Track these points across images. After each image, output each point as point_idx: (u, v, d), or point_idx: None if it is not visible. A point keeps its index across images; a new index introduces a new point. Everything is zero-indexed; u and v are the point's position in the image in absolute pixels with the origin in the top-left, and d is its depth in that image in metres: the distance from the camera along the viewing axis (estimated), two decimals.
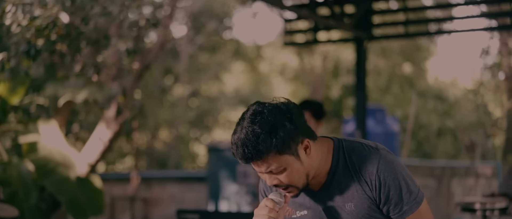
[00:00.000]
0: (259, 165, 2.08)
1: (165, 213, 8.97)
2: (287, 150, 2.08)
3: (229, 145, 2.17)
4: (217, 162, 7.88)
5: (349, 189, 2.20)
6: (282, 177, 2.10)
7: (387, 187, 2.15)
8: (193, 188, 9.02)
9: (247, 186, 7.59)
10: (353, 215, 2.20)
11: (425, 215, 2.22)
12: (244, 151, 2.04)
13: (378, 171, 2.15)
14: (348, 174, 2.19)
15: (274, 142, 2.04)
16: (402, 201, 2.16)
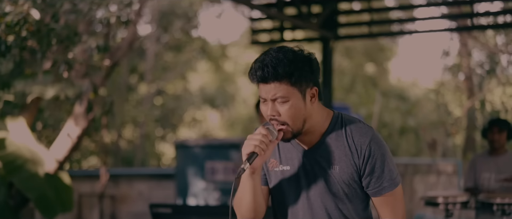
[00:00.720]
0: (270, 89, 2.23)
1: (133, 210, 9.00)
2: (298, 85, 2.25)
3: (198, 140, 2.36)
4: (185, 159, 7.92)
5: (338, 153, 2.34)
6: (283, 108, 2.25)
7: (374, 159, 2.31)
8: (161, 185, 9.06)
9: (215, 183, 7.65)
10: (335, 177, 2.34)
11: (399, 199, 2.36)
12: (263, 70, 2.22)
13: (370, 143, 2.31)
14: (341, 140, 2.34)
15: (291, 71, 2.22)
16: (384, 177, 2.32)
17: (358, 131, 2.32)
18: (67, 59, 5.44)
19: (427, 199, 5.33)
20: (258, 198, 2.38)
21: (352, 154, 2.32)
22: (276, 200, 2.47)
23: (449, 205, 5.17)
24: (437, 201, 5.21)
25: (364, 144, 2.31)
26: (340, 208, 2.36)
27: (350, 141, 2.32)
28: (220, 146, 7.72)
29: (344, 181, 2.34)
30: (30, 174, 6.86)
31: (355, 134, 2.32)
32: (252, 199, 2.36)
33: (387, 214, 2.35)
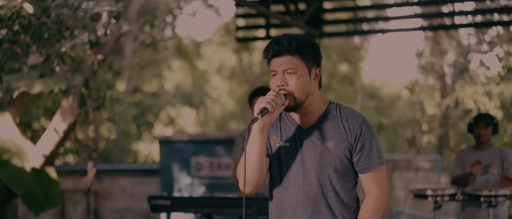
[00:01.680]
0: (282, 62, 2.63)
1: (116, 207, 9.00)
2: (306, 61, 2.66)
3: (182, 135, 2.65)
4: (169, 154, 7.95)
5: (333, 131, 2.69)
6: (291, 79, 2.62)
7: (364, 138, 2.67)
8: (143, 181, 9.08)
9: (200, 178, 7.71)
10: (330, 151, 2.67)
11: (384, 176, 2.72)
12: (279, 44, 2.64)
13: (361, 124, 2.68)
14: (336, 121, 2.70)
15: (303, 48, 2.65)
16: (372, 155, 2.67)
17: (351, 114, 2.71)
18: (60, 53, 5.44)
19: (416, 191, 5.47)
20: (263, 159, 2.70)
21: (346, 132, 2.67)
22: (275, 173, 2.79)
23: (437, 197, 5.31)
24: (426, 193, 5.35)
25: (356, 124, 2.67)
26: (331, 180, 2.69)
27: (344, 122, 2.68)
28: (205, 141, 7.78)
29: (338, 155, 2.67)
30: (16, 169, 6.82)
31: (348, 116, 2.70)
32: (259, 156, 2.66)
33: (375, 188, 2.69)
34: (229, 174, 7.61)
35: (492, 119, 5.71)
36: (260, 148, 2.65)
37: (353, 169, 2.71)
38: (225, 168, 7.69)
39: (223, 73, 21.85)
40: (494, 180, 5.57)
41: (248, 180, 2.68)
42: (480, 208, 5.55)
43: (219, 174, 7.64)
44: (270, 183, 2.83)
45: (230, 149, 7.65)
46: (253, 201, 4.58)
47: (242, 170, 2.68)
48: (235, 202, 4.70)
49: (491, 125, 5.67)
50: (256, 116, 2.56)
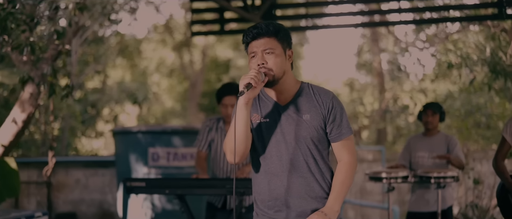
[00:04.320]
0: (261, 44, 2.98)
1: (70, 198, 9.06)
2: (282, 43, 3.03)
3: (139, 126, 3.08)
4: (126, 145, 8.03)
5: (308, 105, 3.04)
6: (270, 58, 2.98)
7: (335, 111, 3.04)
8: (97, 172, 9.15)
9: (157, 168, 7.82)
10: (307, 123, 3.03)
11: (353, 143, 3.11)
12: (256, 29, 3.00)
13: (332, 99, 3.06)
14: (310, 96, 3.06)
15: (279, 30, 3.02)
16: (343, 125, 3.06)
17: (323, 91, 3.10)
18: (29, 42, 5.55)
19: (372, 174, 5.85)
20: (248, 131, 3.02)
21: (319, 106, 3.04)
22: (258, 146, 3.11)
23: (391, 179, 5.70)
24: (381, 176, 5.73)
25: (328, 99, 3.06)
26: (310, 148, 3.03)
27: (317, 97, 3.06)
28: (162, 132, 7.92)
29: (314, 126, 3.03)
30: None
31: (320, 92, 3.08)
32: (245, 128, 3.00)
33: (346, 154, 3.07)
34: (186, 164, 7.81)
35: (439, 107, 6.15)
36: (245, 120, 2.98)
37: (326, 138, 3.08)
38: (181, 158, 7.87)
39: (163, 70, 21.92)
40: (440, 163, 6.00)
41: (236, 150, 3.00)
42: (429, 189, 5.98)
43: (176, 164, 7.81)
44: (254, 157, 3.16)
45: (187, 139, 7.84)
46: (225, 182, 4.84)
47: (230, 142, 3.01)
48: (207, 183, 4.94)
49: (438, 113, 6.11)
50: (243, 90, 2.88)
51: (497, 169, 4.74)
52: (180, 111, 21.85)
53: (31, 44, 5.53)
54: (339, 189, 3.01)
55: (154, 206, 7.76)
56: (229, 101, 5.22)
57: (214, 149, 5.34)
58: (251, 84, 2.89)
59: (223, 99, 5.26)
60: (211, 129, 5.35)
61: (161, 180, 5.26)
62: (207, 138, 5.36)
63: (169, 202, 7.76)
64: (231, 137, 3.01)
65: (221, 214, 5.40)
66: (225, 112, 5.25)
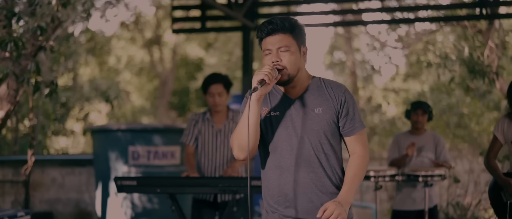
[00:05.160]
0: (276, 40, 2.91)
1: (46, 197, 8.90)
2: (298, 40, 2.95)
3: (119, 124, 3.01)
4: (105, 144, 7.94)
5: (320, 99, 2.98)
6: (285, 56, 2.91)
7: (348, 104, 2.98)
8: (74, 171, 9.01)
9: (137, 167, 7.74)
10: (319, 116, 2.97)
11: (366, 138, 3.06)
12: (272, 25, 2.91)
13: (344, 92, 3.00)
14: (322, 90, 3.00)
15: (295, 27, 2.95)
16: (355, 119, 2.99)
17: (335, 84, 3.04)
18: (13, 38, 5.42)
19: None
20: (257, 127, 2.95)
21: (331, 100, 2.97)
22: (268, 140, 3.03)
23: (379, 178, 5.71)
24: (369, 174, 5.73)
25: (340, 92, 2.99)
26: (321, 143, 2.96)
27: (329, 91, 2.99)
28: (142, 130, 7.84)
29: (326, 120, 2.96)
30: None
31: (332, 86, 3.02)
32: (255, 124, 2.92)
33: (359, 147, 3.00)
34: (167, 162, 7.74)
35: (428, 106, 6.19)
36: (256, 116, 2.90)
37: (339, 132, 3.01)
38: (162, 157, 7.80)
39: (132, 68, 21.73)
40: (428, 162, 6.04)
41: (244, 146, 2.92)
42: (415, 188, 6.01)
43: (157, 163, 7.74)
44: (262, 152, 3.08)
45: (168, 138, 7.77)
46: (217, 180, 4.80)
47: (238, 138, 2.94)
48: (199, 181, 4.90)
49: (427, 112, 6.14)
50: (256, 86, 2.82)
51: (490, 167, 4.78)
52: (150, 109, 21.68)
53: (15, 40, 5.40)
54: (351, 181, 2.94)
55: (134, 205, 7.68)
56: (215, 90, 5.24)
57: (201, 140, 5.33)
58: (265, 80, 2.81)
59: (210, 88, 5.27)
60: (197, 122, 5.35)
61: (153, 179, 5.19)
62: (193, 132, 5.35)
63: (150, 201, 7.68)
64: (239, 132, 2.94)
65: (208, 210, 5.36)
66: (212, 101, 5.26)
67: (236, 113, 5.35)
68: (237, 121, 5.25)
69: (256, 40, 3.12)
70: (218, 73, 5.46)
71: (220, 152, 5.30)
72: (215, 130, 5.31)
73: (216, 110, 5.30)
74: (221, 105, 5.26)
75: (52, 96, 5.80)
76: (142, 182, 4.85)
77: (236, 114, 5.34)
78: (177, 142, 7.72)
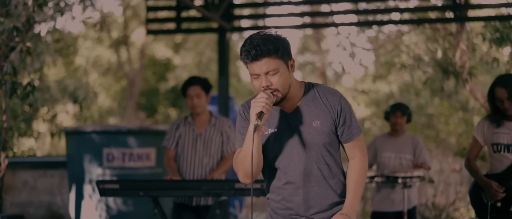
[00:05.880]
0: (262, 65, 2.79)
1: (17, 200, 8.75)
2: (284, 58, 2.84)
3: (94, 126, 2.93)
4: (78, 145, 7.84)
5: (316, 110, 2.93)
6: (274, 79, 2.82)
7: (345, 113, 2.94)
8: (47, 174, 8.87)
9: (112, 169, 7.67)
10: (317, 130, 2.93)
11: (363, 142, 3.04)
12: (256, 50, 2.78)
13: (340, 101, 2.95)
14: (317, 100, 2.95)
15: (278, 47, 2.81)
16: (353, 126, 2.97)
17: (329, 92, 2.98)
18: None
19: None
20: (260, 153, 2.90)
21: (328, 110, 2.92)
22: (269, 159, 3.00)
23: None
24: None
25: (336, 102, 2.95)
26: (323, 155, 2.95)
27: (325, 100, 2.95)
28: (117, 132, 7.77)
29: (325, 132, 2.93)
30: None
31: (327, 94, 2.97)
32: (257, 153, 2.86)
33: (358, 153, 3.01)
34: (142, 164, 7.68)
35: (407, 108, 6.24)
36: (258, 145, 2.86)
37: (338, 140, 3.00)
38: (137, 159, 7.73)
39: (99, 69, 21.52)
40: (406, 164, 6.09)
41: (249, 173, 2.88)
42: (394, 189, 6.06)
43: (132, 165, 7.67)
44: (265, 167, 3.05)
45: (143, 140, 7.72)
46: (201, 183, 4.78)
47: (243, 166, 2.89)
48: (183, 184, 4.87)
49: (406, 114, 6.20)
50: (257, 122, 2.76)
51: (470, 168, 4.84)
52: (118, 110, 21.48)
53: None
54: (355, 188, 2.95)
55: (109, 208, 7.60)
56: (193, 92, 5.26)
57: (181, 143, 5.34)
58: (263, 112, 2.77)
59: (188, 91, 5.30)
60: (178, 126, 5.38)
61: (136, 182, 5.15)
62: (175, 135, 5.37)
63: (125, 203, 7.62)
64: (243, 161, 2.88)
65: (189, 215, 5.35)
66: (191, 103, 5.29)
67: (219, 119, 5.37)
68: (221, 129, 5.30)
69: (232, 42, 3.07)
70: (196, 76, 5.51)
71: (199, 156, 5.29)
72: (196, 134, 5.31)
73: (196, 112, 5.32)
74: (200, 107, 5.27)
75: (29, 98, 5.69)
76: (125, 185, 4.80)
77: (218, 120, 5.36)
78: (152, 143, 7.67)
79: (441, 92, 11.65)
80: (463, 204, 9.14)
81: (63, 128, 9.32)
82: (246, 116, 2.99)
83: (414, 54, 9.20)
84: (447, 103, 12.63)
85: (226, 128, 5.34)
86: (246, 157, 2.85)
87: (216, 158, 5.30)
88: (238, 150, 2.97)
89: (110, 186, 4.74)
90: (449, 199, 9.13)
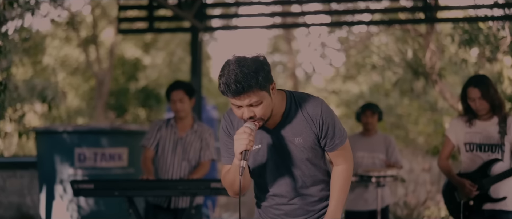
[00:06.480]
0: (244, 98, 2.70)
1: None
2: (265, 87, 2.75)
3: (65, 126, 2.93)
4: (49, 145, 7.75)
5: (299, 126, 2.91)
6: (257, 109, 2.75)
7: (327, 125, 2.90)
8: (16, 174, 8.76)
9: (84, 169, 7.60)
10: (300, 146, 2.92)
11: (348, 150, 3.03)
12: (236, 86, 2.66)
13: (321, 112, 2.90)
14: (299, 115, 2.90)
15: (258, 80, 2.70)
16: (336, 136, 2.94)
17: (310, 104, 2.92)
18: None
19: None
20: (247, 177, 2.94)
21: (309, 125, 2.89)
22: (255, 175, 3.04)
23: None
24: None
25: (317, 115, 2.89)
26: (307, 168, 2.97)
27: (306, 115, 2.90)
28: (89, 132, 7.70)
29: (307, 148, 2.93)
30: None
31: (308, 108, 2.91)
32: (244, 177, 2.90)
33: (341, 161, 3.01)
34: (114, 164, 7.62)
35: (377, 107, 6.30)
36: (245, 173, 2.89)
37: (322, 149, 3.01)
38: (109, 159, 7.68)
39: (67, 68, 21.29)
40: (379, 163, 6.15)
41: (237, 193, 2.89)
42: (367, 188, 6.12)
43: (104, 165, 7.61)
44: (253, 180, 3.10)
45: (115, 140, 7.66)
46: (176, 183, 4.77)
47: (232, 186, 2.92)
48: (159, 184, 4.85)
49: (377, 113, 6.25)
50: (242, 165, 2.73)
51: (443, 168, 4.90)
52: (87, 110, 21.28)
53: None
54: (338, 196, 2.99)
55: (80, 208, 7.53)
56: (176, 96, 5.29)
57: (161, 145, 5.34)
58: (247, 150, 2.74)
59: (171, 95, 5.33)
60: (161, 127, 5.39)
61: (111, 182, 5.10)
62: (156, 136, 5.37)
63: (96, 203, 7.55)
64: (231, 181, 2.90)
65: (164, 215, 5.35)
66: (175, 107, 5.31)
67: (200, 126, 5.40)
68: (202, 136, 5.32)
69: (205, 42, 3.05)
70: (179, 81, 5.53)
71: (178, 159, 5.30)
72: (177, 137, 5.33)
73: (180, 116, 5.34)
74: (183, 111, 5.31)
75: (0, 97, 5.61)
76: (100, 185, 4.76)
77: (200, 127, 5.39)
78: (124, 143, 7.62)
79: (411, 93, 11.77)
80: (433, 203, 9.25)
81: (32, 127, 9.18)
82: (230, 131, 2.99)
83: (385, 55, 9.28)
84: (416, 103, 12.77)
85: (206, 135, 5.38)
86: (234, 183, 2.89)
87: (194, 162, 5.33)
88: (226, 167, 2.99)
89: (85, 186, 4.70)
90: (420, 198, 9.24)
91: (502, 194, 4.65)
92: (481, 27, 8.91)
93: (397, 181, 6.22)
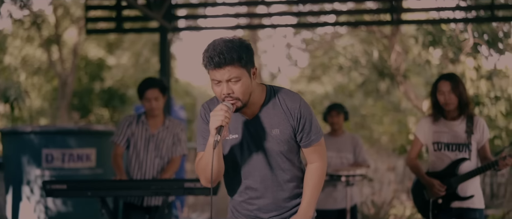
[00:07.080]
0: (224, 73, 2.77)
1: None
2: (246, 66, 2.81)
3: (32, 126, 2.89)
4: (16, 146, 7.67)
5: (276, 118, 2.96)
6: (236, 87, 2.79)
7: (304, 119, 2.95)
8: None
9: (52, 170, 7.55)
10: (277, 138, 2.97)
11: (323, 147, 3.09)
12: (219, 57, 2.75)
13: (300, 106, 2.96)
14: (277, 108, 2.96)
15: (242, 56, 2.78)
16: (312, 132, 3.00)
17: (289, 97, 2.98)
18: None
19: None
20: (221, 161, 2.93)
21: (287, 118, 2.94)
22: (229, 165, 3.03)
23: None
24: None
25: (295, 109, 2.95)
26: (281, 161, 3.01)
27: (285, 108, 2.94)
28: (57, 132, 7.65)
29: (283, 140, 2.97)
30: None
31: (287, 101, 2.96)
32: (218, 162, 2.89)
33: (316, 158, 3.06)
34: (82, 165, 7.59)
35: (342, 107, 6.39)
36: (219, 155, 2.90)
37: (297, 145, 3.05)
38: (77, 159, 7.63)
39: (29, 68, 20.99)
40: (347, 163, 6.25)
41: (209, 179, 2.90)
42: (336, 187, 6.20)
43: (72, 166, 7.57)
44: (226, 172, 3.08)
45: (83, 140, 7.62)
46: (150, 183, 4.78)
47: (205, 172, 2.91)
48: (131, 184, 4.85)
49: (342, 113, 6.35)
50: (216, 139, 2.75)
51: (412, 167, 4.99)
52: (50, 111, 21.01)
53: None
54: (311, 193, 3.04)
55: (47, 209, 7.48)
56: (151, 94, 5.23)
57: (133, 142, 5.30)
58: (223, 126, 2.77)
59: (146, 93, 5.25)
60: (131, 123, 5.32)
61: (84, 182, 5.08)
62: (125, 132, 5.31)
63: (64, 204, 7.51)
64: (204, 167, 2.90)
65: (138, 214, 5.34)
66: (149, 105, 5.25)
67: (172, 121, 5.38)
68: (173, 131, 5.31)
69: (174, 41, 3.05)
70: (153, 78, 5.43)
71: (150, 156, 5.28)
72: (149, 134, 5.29)
73: (153, 114, 5.30)
74: (158, 110, 5.27)
75: None
76: (72, 186, 4.75)
77: (171, 122, 5.37)
78: (92, 144, 7.58)
79: (375, 94, 11.94)
80: (398, 202, 9.41)
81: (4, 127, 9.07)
82: (207, 118, 3.00)
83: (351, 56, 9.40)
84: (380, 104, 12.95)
85: (178, 130, 5.35)
86: (207, 165, 2.86)
87: (166, 159, 5.30)
88: (200, 154, 3.00)
89: (57, 186, 4.68)
90: (385, 197, 9.38)
91: (469, 193, 4.77)
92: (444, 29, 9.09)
93: (364, 180, 6.34)
